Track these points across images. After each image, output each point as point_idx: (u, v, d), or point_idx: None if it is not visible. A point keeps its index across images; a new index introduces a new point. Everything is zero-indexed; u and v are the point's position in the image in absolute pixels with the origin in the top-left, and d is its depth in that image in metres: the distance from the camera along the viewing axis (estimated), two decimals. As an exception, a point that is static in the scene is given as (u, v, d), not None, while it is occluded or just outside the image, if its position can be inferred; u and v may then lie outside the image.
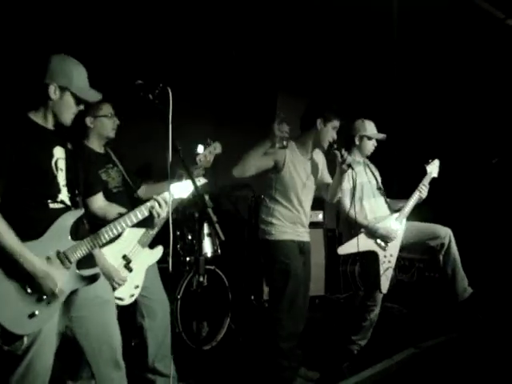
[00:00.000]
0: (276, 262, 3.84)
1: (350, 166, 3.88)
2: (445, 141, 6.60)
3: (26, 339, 2.37)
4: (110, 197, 3.36)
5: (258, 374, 4.02)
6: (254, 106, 6.57)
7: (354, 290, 5.75)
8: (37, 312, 2.37)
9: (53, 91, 2.48)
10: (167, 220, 3.48)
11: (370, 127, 4.55)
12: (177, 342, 4.26)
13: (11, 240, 2.30)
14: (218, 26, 5.40)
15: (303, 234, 4.01)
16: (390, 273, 4.35)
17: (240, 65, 6.16)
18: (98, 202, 2.86)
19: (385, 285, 4.31)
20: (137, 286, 3.45)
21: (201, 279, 3.10)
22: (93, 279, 2.59)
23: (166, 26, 5.18)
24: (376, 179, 4.61)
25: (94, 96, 2.60)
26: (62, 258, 2.47)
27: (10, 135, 2.42)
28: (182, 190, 2.89)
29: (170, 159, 2.47)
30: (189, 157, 2.57)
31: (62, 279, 2.43)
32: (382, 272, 4.30)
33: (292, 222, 3.92)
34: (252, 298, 5.79)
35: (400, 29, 5.69)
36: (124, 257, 3.41)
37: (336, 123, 3.92)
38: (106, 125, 3.51)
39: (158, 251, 3.62)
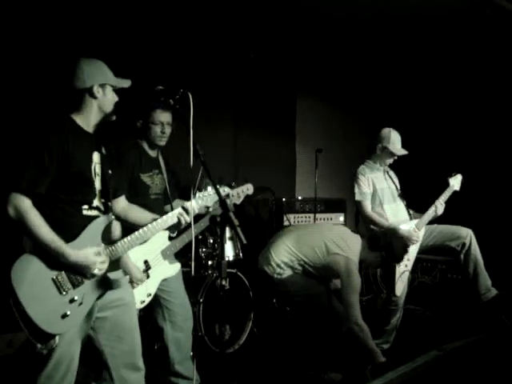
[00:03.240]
0: None
1: None
2: (468, 143, 6.57)
3: (57, 339, 2.44)
4: (147, 202, 3.41)
5: (281, 377, 4.03)
6: (273, 109, 6.58)
7: (376, 293, 5.72)
8: (69, 312, 2.44)
9: (96, 90, 2.60)
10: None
11: (395, 140, 4.49)
12: (199, 345, 4.27)
13: (47, 233, 2.38)
14: (236, 29, 5.41)
15: None
16: (405, 276, 4.35)
17: (259, 68, 6.18)
18: (122, 203, 2.91)
19: (399, 288, 4.32)
20: (149, 295, 3.48)
21: (223, 283, 3.11)
22: (119, 283, 2.64)
23: (186, 31, 5.22)
24: (396, 185, 4.60)
25: (125, 82, 2.73)
26: None
27: (58, 136, 2.49)
28: (206, 198, 2.95)
29: (192, 163, 2.50)
30: (209, 161, 2.58)
31: (99, 260, 2.51)
32: (397, 275, 4.30)
33: None
34: (274, 301, 5.78)
35: (421, 33, 5.65)
36: (145, 262, 3.45)
37: None
38: (152, 131, 3.56)
39: (176, 267, 3.67)
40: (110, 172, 2.71)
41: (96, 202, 2.61)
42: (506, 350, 4.27)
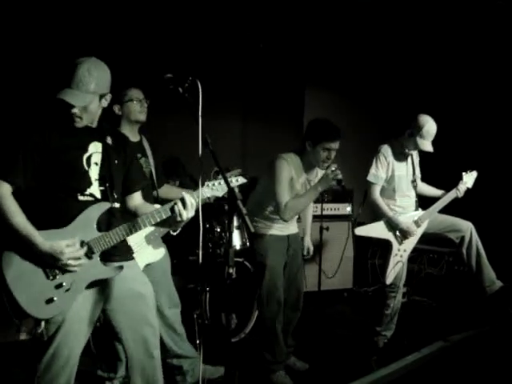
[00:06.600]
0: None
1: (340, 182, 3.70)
2: (476, 134, 6.55)
3: (43, 324, 2.43)
4: None
5: (285, 366, 4.06)
6: (282, 100, 6.58)
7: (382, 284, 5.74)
8: (55, 298, 2.42)
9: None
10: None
11: (427, 134, 4.26)
12: (205, 333, 4.30)
13: (20, 220, 2.39)
14: (246, 19, 5.41)
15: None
16: (399, 267, 4.32)
17: (268, 58, 6.17)
18: (136, 200, 2.84)
19: (391, 277, 4.30)
20: None
21: (230, 271, 3.13)
22: (116, 270, 2.60)
23: (196, 20, 5.22)
24: (414, 171, 4.52)
25: (66, 96, 2.47)
26: (85, 247, 2.50)
27: (39, 130, 2.49)
28: (216, 188, 2.76)
29: (201, 152, 2.48)
30: (217, 151, 2.56)
31: (73, 253, 2.45)
32: (392, 264, 4.29)
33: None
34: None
35: (431, 23, 5.61)
36: None
37: (326, 144, 3.74)
38: (132, 109, 3.51)
39: (160, 252, 3.60)
40: (116, 162, 2.67)
41: (90, 191, 2.56)
42: (511, 341, 4.28)
